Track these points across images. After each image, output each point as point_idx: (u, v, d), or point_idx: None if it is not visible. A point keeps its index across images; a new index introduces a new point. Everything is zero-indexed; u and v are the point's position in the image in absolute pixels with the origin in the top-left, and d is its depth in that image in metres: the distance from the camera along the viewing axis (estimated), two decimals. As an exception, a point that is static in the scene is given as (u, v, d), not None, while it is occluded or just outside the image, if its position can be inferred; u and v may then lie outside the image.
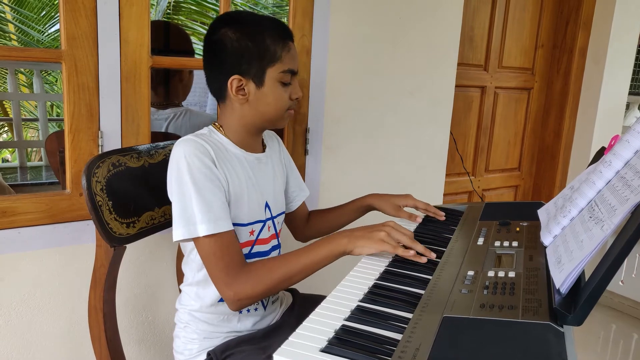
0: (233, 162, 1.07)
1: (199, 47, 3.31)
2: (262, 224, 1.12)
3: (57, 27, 4.90)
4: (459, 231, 1.14)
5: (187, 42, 1.98)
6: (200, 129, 1.11)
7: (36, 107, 4.48)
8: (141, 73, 1.33)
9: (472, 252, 0.98)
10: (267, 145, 1.19)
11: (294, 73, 1.07)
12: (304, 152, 1.73)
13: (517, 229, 1.08)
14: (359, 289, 0.86)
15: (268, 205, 1.14)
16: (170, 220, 1.02)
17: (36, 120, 4.52)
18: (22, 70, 5.00)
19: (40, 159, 4.69)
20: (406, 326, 0.72)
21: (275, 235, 1.17)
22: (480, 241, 1.03)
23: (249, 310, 1.13)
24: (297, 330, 0.72)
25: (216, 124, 1.10)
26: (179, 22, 5.02)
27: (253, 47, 1.02)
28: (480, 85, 2.50)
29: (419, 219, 1.24)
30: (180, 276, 1.20)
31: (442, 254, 0.99)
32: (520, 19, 2.55)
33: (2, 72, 5.03)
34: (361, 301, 0.82)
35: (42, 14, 4.95)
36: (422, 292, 0.83)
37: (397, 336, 0.70)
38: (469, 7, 2.30)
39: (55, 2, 4.91)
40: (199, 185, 0.97)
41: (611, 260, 0.65)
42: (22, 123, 4.06)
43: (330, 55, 1.68)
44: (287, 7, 1.63)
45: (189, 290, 1.11)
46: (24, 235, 1.25)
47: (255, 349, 1.06)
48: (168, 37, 1.87)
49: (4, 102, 5.35)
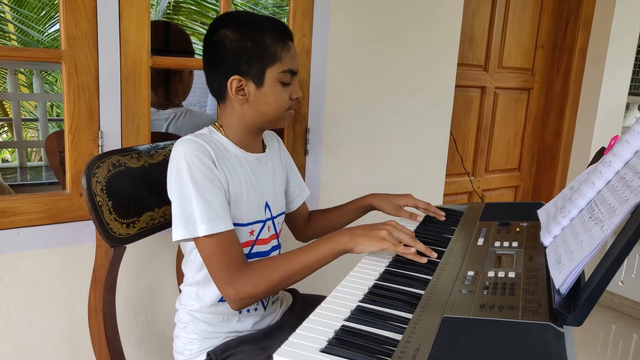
0: (233, 162, 1.07)
1: (199, 47, 3.31)
2: (262, 224, 1.12)
3: (57, 27, 4.90)
4: (459, 231, 1.14)
5: (187, 42, 1.98)
6: (200, 129, 1.11)
7: (36, 107, 4.48)
8: (141, 73, 1.33)
9: (472, 253, 0.98)
10: (267, 146, 1.19)
11: (293, 73, 1.07)
12: (304, 152, 1.73)
13: (517, 230, 1.08)
14: (359, 289, 0.86)
15: (268, 205, 1.14)
16: (170, 221, 1.02)
17: (36, 120, 4.52)
18: (22, 70, 5.00)
19: (40, 159, 4.69)
20: (406, 326, 0.72)
21: (275, 235, 1.17)
22: (480, 241, 1.03)
23: (248, 311, 1.13)
24: (297, 331, 0.72)
25: (216, 124, 1.10)
26: (179, 22, 5.02)
27: (252, 48, 1.02)
28: (480, 85, 2.50)
29: (419, 218, 1.24)
30: (180, 276, 1.20)
31: (442, 254, 0.99)
32: (520, 19, 2.55)
33: (2, 72, 5.03)
34: (361, 301, 0.82)
35: (42, 13, 4.95)
36: (422, 292, 0.83)
37: (397, 336, 0.70)
38: (469, 7, 2.30)
39: (55, 2, 4.91)
40: (199, 185, 0.97)
41: (611, 261, 0.65)
42: (22, 123, 4.06)
43: (330, 55, 1.68)
44: (287, 7, 1.63)
45: (188, 290, 1.11)
46: (24, 235, 1.25)
47: (255, 349, 1.06)
48: (168, 37, 1.87)
49: (4, 102, 5.35)
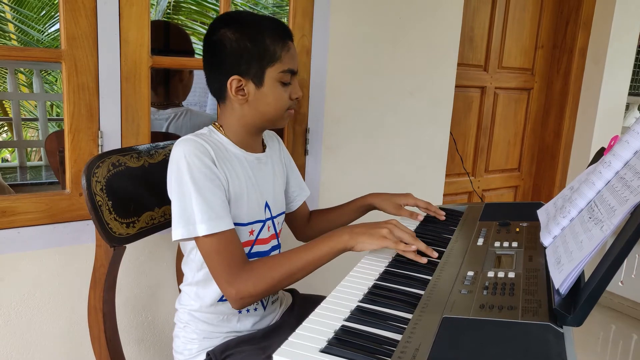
0: (233, 162, 1.07)
1: (199, 47, 3.31)
2: (261, 224, 1.12)
3: (57, 26, 4.90)
4: (458, 231, 1.14)
5: (187, 42, 1.98)
6: (200, 129, 1.11)
7: (36, 106, 4.47)
8: (141, 73, 1.33)
9: (472, 253, 0.98)
10: (267, 145, 1.19)
11: (293, 73, 1.07)
12: (304, 152, 1.73)
13: (517, 230, 1.08)
14: (358, 289, 0.86)
15: (268, 205, 1.14)
16: (170, 221, 1.02)
17: (36, 120, 4.52)
18: (21, 69, 5.00)
19: (40, 159, 4.69)
20: (406, 327, 0.72)
21: (275, 235, 1.17)
22: (480, 242, 1.03)
23: (248, 310, 1.13)
24: (297, 331, 0.72)
25: (216, 123, 1.10)
26: (179, 22, 5.02)
27: (252, 48, 1.02)
28: (480, 85, 2.50)
29: (420, 217, 1.24)
30: (180, 276, 1.20)
31: (442, 255, 0.99)
32: (520, 19, 2.55)
33: (1, 72, 5.02)
34: (361, 301, 0.82)
35: (42, 13, 4.95)
36: (421, 292, 0.83)
37: (397, 337, 0.70)
38: (469, 7, 2.30)
39: (55, 2, 4.91)
40: (199, 185, 0.97)
41: (611, 261, 0.65)
42: (22, 123, 4.05)
43: (330, 55, 1.68)
44: (287, 7, 1.63)
45: (188, 290, 1.11)
46: (24, 235, 1.25)
47: (254, 349, 1.06)
48: (168, 37, 1.87)
49: (4, 102, 5.34)
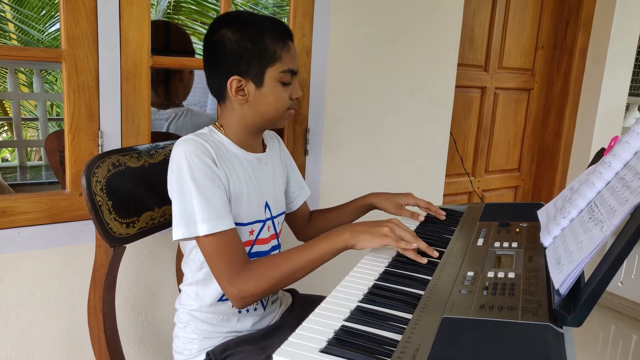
0: (233, 161, 1.07)
1: (199, 47, 3.31)
2: (261, 223, 1.12)
3: (57, 26, 4.90)
4: (458, 232, 1.14)
5: (187, 42, 1.98)
6: (200, 129, 1.11)
7: (36, 106, 4.47)
8: (141, 73, 1.33)
9: (472, 253, 0.98)
10: (267, 145, 1.19)
11: (294, 73, 1.07)
12: (304, 152, 1.73)
13: (517, 230, 1.08)
14: (358, 289, 0.86)
15: (268, 205, 1.14)
16: (170, 220, 1.02)
17: (36, 119, 4.52)
18: (22, 69, 5.00)
19: (40, 159, 4.69)
20: (406, 327, 0.72)
21: (275, 235, 1.17)
22: (480, 242, 1.03)
23: (248, 310, 1.13)
24: (297, 331, 0.72)
25: (216, 123, 1.10)
26: (179, 22, 5.02)
27: (252, 48, 1.02)
28: (481, 85, 2.50)
29: (421, 217, 1.24)
30: (180, 276, 1.20)
31: (442, 255, 0.99)
32: (520, 19, 2.55)
33: (2, 72, 5.02)
34: (361, 302, 0.82)
35: (42, 13, 4.95)
36: (421, 292, 0.83)
37: (397, 337, 0.70)
38: (469, 7, 2.30)
39: (56, 2, 4.91)
40: (200, 185, 0.97)
41: (611, 261, 0.65)
42: (22, 122, 4.05)
43: (330, 55, 1.68)
44: (288, 7, 1.63)
45: (188, 290, 1.11)
46: (24, 235, 1.25)
47: (254, 349, 1.06)
48: (168, 37, 1.87)
49: (4, 102, 5.34)
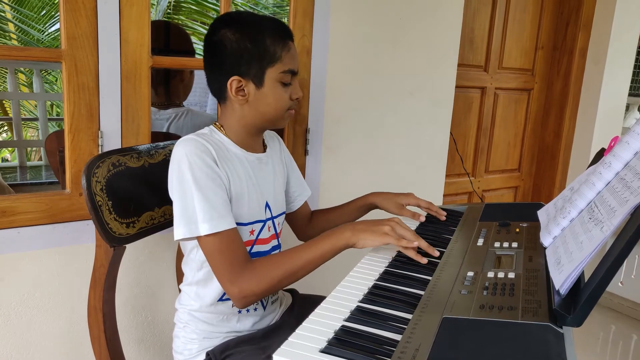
0: (234, 161, 1.07)
1: (199, 47, 3.31)
2: (262, 224, 1.12)
3: (57, 26, 4.90)
4: (458, 232, 1.14)
5: (187, 42, 1.98)
6: (201, 129, 1.11)
7: (36, 106, 4.47)
8: (141, 73, 1.33)
9: (472, 253, 0.98)
10: (267, 145, 1.19)
11: (294, 73, 1.07)
12: (304, 152, 1.73)
13: (517, 230, 1.08)
14: (358, 289, 0.86)
15: (268, 205, 1.14)
16: (170, 220, 1.02)
17: (36, 119, 4.52)
18: (22, 69, 5.00)
19: (40, 159, 4.69)
20: (406, 327, 0.72)
21: (276, 235, 1.18)
22: (480, 242, 1.03)
23: (248, 310, 1.13)
24: (297, 331, 0.72)
25: (217, 123, 1.10)
26: (179, 22, 5.02)
27: (252, 48, 1.02)
28: (481, 86, 2.50)
29: (422, 217, 1.24)
30: (180, 276, 1.20)
31: (442, 255, 0.99)
32: (520, 20, 2.55)
33: (2, 72, 5.02)
34: (361, 302, 0.82)
35: (42, 13, 4.95)
36: (421, 292, 0.84)
37: (397, 337, 0.70)
38: (469, 8, 2.30)
39: (56, 2, 4.91)
40: (201, 184, 0.97)
41: (611, 262, 0.65)
42: (22, 122, 4.05)
43: (330, 55, 1.68)
44: (288, 7, 1.63)
45: (188, 289, 1.11)
46: (24, 235, 1.25)
47: (254, 349, 1.06)
48: (168, 37, 1.87)
49: (4, 102, 5.34)
